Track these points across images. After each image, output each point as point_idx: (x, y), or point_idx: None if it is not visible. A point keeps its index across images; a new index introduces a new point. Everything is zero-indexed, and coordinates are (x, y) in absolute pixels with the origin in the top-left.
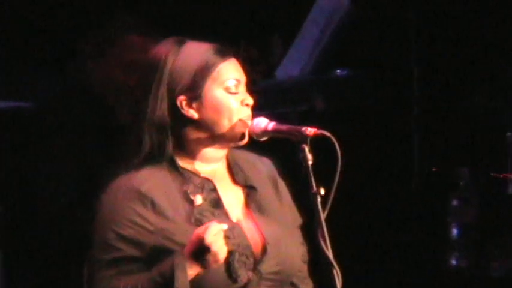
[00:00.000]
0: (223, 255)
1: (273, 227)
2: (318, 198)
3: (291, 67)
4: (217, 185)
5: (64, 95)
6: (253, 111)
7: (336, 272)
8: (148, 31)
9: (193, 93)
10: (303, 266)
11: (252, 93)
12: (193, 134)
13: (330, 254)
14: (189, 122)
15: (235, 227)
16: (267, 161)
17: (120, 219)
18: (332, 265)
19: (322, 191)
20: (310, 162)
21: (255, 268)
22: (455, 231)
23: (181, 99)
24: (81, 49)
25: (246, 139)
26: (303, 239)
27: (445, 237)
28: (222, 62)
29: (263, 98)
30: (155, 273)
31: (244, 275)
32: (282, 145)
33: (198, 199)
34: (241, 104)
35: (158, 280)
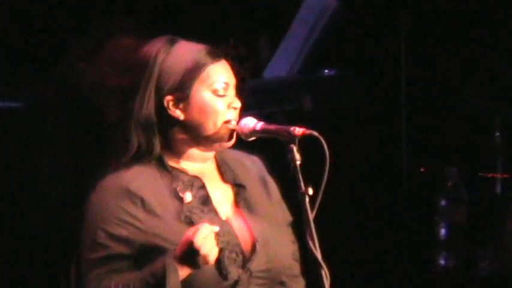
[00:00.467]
0: (213, 257)
1: (262, 225)
2: (307, 198)
3: (279, 67)
4: (206, 183)
5: (55, 96)
6: (242, 111)
7: (324, 272)
8: (138, 31)
9: (181, 93)
10: (294, 264)
11: (240, 93)
12: (179, 134)
13: (318, 254)
14: (175, 122)
15: (224, 225)
16: (256, 159)
17: (109, 218)
18: (320, 265)
19: (311, 191)
20: (299, 162)
21: (245, 266)
22: (443, 231)
23: (168, 99)
24: (71, 50)
25: (232, 142)
26: (294, 237)
27: (433, 237)
28: (212, 63)
29: (251, 98)
30: (147, 273)
31: (234, 272)
32: (270, 145)
33: (188, 196)
34: (228, 107)
35: (150, 280)
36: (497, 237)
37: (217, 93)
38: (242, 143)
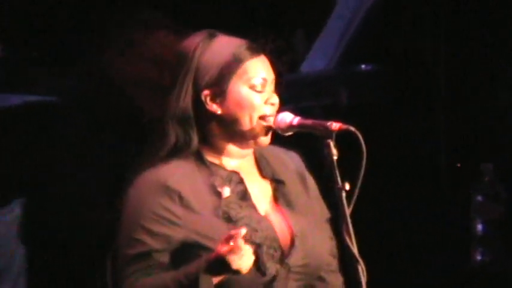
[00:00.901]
0: (245, 270)
1: (301, 220)
2: (343, 194)
3: (316, 61)
4: (245, 178)
5: (90, 91)
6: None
7: (361, 268)
8: (174, 27)
9: (218, 88)
10: (332, 260)
11: (277, 87)
12: (217, 129)
13: (355, 250)
14: (212, 116)
15: (263, 220)
16: (294, 155)
17: (147, 214)
18: (357, 261)
19: (347, 186)
20: (335, 157)
21: (283, 261)
22: (479, 227)
23: (206, 94)
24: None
25: (268, 140)
26: (331, 233)
27: (469, 232)
28: (250, 59)
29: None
30: (181, 274)
31: (272, 268)
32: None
33: (226, 191)
34: (265, 103)
35: (184, 282)
36: None
37: (254, 89)
38: (278, 138)
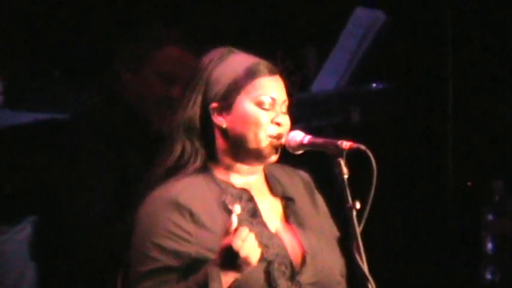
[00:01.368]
0: (255, 258)
1: (311, 238)
2: (354, 212)
3: (327, 80)
4: (255, 195)
5: (100, 106)
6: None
7: (371, 286)
8: (185, 42)
9: (225, 102)
10: (341, 279)
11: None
12: (224, 144)
13: (365, 268)
14: (219, 130)
15: (274, 237)
16: (303, 173)
17: (159, 231)
18: (367, 279)
19: (358, 205)
20: (346, 176)
21: (294, 279)
22: (490, 245)
23: (213, 106)
24: (117, 60)
25: (276, 158)
26: (340, 251)
27: (479, 251)
28: (264, 76)
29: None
30: (191, 283)
31: (283, 285)
32: (315, 158)
33: (237, 208)
34: (271, 122)
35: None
36: None
37: (261, 106)
38: (288, 156)
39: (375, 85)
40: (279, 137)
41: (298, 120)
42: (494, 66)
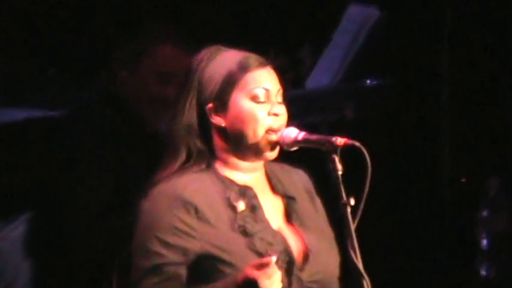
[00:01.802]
0: None
1: (313, 236)
2: (348, 209)
3: (321, 76)
4: (257, 192)
5: (97, 104)
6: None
7: (366, 283)
8: (182, 40)
9: (220, 101)
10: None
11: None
12: (223, 143)
13: (360, 265)
14: (218, 130)
15: (276, 234)
16: (302, 173)
17: (163, 226)
18: (362, 276)
19: (352, 201)
20: (340, 173)
21: (296, 276)
22: (485, 242)
23: (210, 107)
24: (113, 58)
25: (276, 154)
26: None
27: (474, 247)
28: (255, 69)
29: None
30: None
31: (285, 282)
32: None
33: (241, 205)
34: (268, 114)
35: None
36: None
37: (256, 100)
38: (283, 152)
39: (369, 81)
40: (278, 129)
41: (292, 117)
42: (491, 63)
